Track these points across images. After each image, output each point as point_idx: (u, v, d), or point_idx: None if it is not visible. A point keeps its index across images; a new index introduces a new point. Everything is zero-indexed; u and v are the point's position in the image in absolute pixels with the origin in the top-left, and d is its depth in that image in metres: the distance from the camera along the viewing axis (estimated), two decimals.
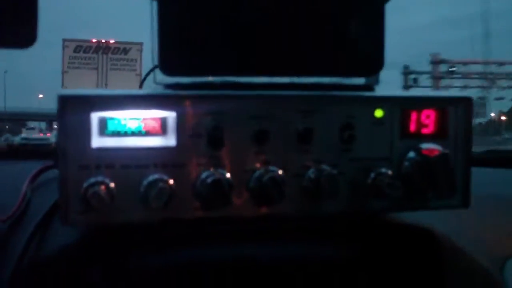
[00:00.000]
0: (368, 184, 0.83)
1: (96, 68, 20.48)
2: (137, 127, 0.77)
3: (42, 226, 0.86)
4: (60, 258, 0.82)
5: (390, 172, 0.83)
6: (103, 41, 21.01)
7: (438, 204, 0.88)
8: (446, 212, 0.91)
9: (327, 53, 0.88)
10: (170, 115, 0.78)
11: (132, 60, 20.78)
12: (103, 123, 0.76)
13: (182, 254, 0.85)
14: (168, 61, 0.82)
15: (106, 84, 20.29)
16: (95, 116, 0.76)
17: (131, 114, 0.77)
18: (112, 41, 21.00)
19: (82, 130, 0.75)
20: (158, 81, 0.85)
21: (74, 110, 0.75)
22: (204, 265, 0.85)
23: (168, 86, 0.84)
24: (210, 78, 0.86)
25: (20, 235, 0.85)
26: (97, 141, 0.76)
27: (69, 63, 20.34)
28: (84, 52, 20.57)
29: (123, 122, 0.77)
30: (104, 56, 20.68)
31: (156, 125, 0.78)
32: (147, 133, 0.78)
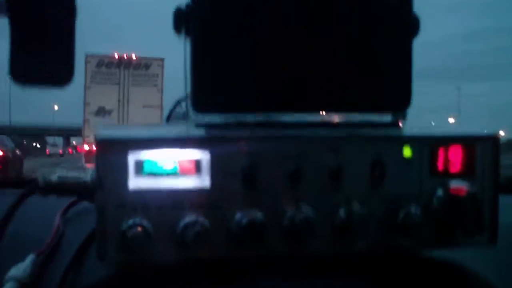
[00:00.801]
0: (397, 223, 0.85)
1: (118, 83, 20.49)
2: (172, 169, 0.79)
3: (76, 261, 0.88)
4: None
5: (419, 210, 0.85)
6: (125, 56, 21.03)
7: (466, 241, 0.89)
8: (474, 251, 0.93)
9: (357, 90, 0.90)
10: (204, 156, 0.80)
11: (153, 75, 20.74)
12: (139, 164, 0.78)
13: None
14: (201, 99, 0.85)
15: (128, 100, 20.30)
16: (131, 158, 0.78)
17: (166, 155, 0.79)
18: (134, 57, 21.02)
19: (119, 171, 0.78)
20: (192, 120, 0.87)
21: (111, 151, 0.78)
22: None
23: (201, 125, 0.86)
24: (240, 116, 0.88)
25: (54, 269, 0.87)
26: (134, 182, 0.78)
27: (91, 77, 20.37)
28: (106, 67, 20.54)
29: (159, 164, 0.79)
30: (126, 71, 20.65)
31: (190, 166, 0.80)
32: (182, 174, 0.80)
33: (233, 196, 0.81)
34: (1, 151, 17.85)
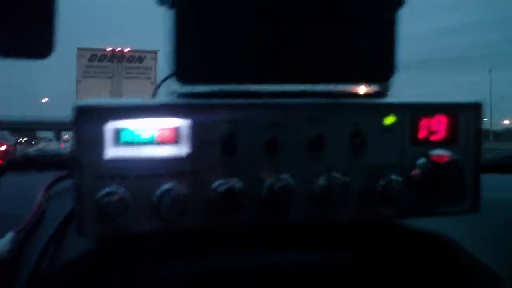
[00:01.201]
0: (378, 191, 0.85)
1: (111, 77, 20.49)
2: (150, 137, 0.79)
3: (56, 237, 0.87)
4: (73, 269, 0.84)
5: (400, 178, 0.85)
6: (118, 49, 21.01)
7: (448, 210, 0.89)
8: (455, 218, 0.93)
9: (339, 60, 0.89)
10: (183, 124, 0.80)
11: (147, 68, 20.78)
12: (116, 133, 0.78)
13: (193, 264, 0.86)
14: (184, 69, 0.84)
15: (121, 93, 20.32)
16: (109, 127, 0.77)
17: (144, 124, 0.79)
18: (126, 50, 21.01)
19: (96, 141, 0.77)
20: (172, 90, 0.87)
21: (88, 120, 0.77)
22: (216, 274, 0.86)
23: (182, 95, 0.86)
24: (223, 87, 0.88)
25: (35, 246, 0.86)
26: (111, 152, 0.78)
27: (84, 72, 20.36)
28: (98, 61, 20.59)
29: (136, 133, 0.79)
30: (119, 64, 20.70)
31: (169, 134, 0.79)
32: (161, 142, 0.79)
33: (212, 164, 0.80)
34: (5, 145, 18.78)
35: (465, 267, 0.94)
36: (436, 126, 0.89)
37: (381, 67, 0.91)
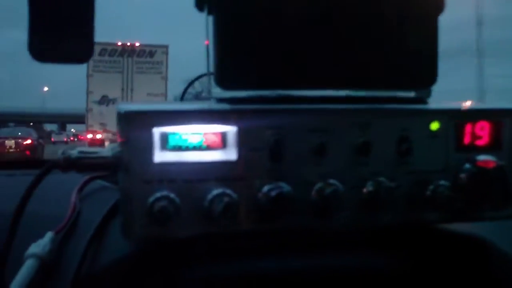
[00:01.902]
0: (426, 196, 0.86)
1: (121, 72, 20.48)
2: (198, 142, 0.80)
3: (96, 237, 0.90)
4: (117, 268, 0.86)
5: (447, 184, 0.86)
6: (129, 43, 20.98)
7: (494, 215, 0.91)
8: (500, 224, 0.94)
9: (381, 66, 0.91)
10: (231, 130, 0.81)
11: (157, 63, 20.72)
12: (164, 138, 0.79)
13: (242, 266, 0.88)
14: (225, 75, 0.86)
15: (132, 88, 20.32)
16: (157, 131, 0.79)
17: (192, 129, 0.80)
18: (137, 44, 20.97)
19: (144, 145, 0.78)
20: (213, 95, 0.88)
21: (136, 125, 0.78)
22: (265, 277, 0.88)
23: (225, 100, 0.87)
24: (264, 92, 0.89)
25: (74, 246, 0.89)
26: (159, 156, 0.79)
27: (94, 66, 20.36)
28: (109, 55, 20.54)
29: (184, 137, 0.80)
30: (130, 59, 20.64)
31: (217, 139, 0.81)
32: (208, 148, 0.81)
33: (260, 169, 0.82)
34: (30, 139, 21.52)
35: (509, 273, 0.95)
36: (480, 132, 0.90)
37: (424, 73, 0.92)
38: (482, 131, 0.90)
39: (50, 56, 0.94)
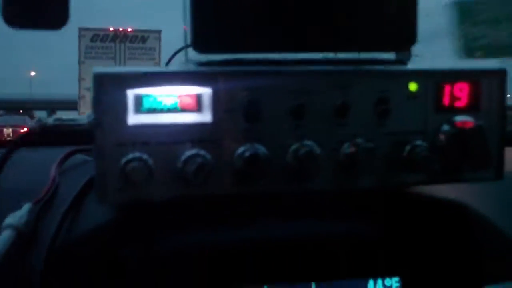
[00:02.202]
0: (403, 158, 0.86)
1: (114, 58, 20.38)
2: (172, 104, 0.80)
3: (73, 207, 0.90)
4: (92, 238, 0.86)
5: (425, 144, 0.86)
6: (121, 29, 20.87)
7: (472, 176, 0.91)
8: (477, 188, 0.95)
9: (360, 28, 0.91)
10: (206, 92, 0.81)
11: (150, 48, 20.62)
12: (138, 100, 0.79)
13: (216, 232, 0.88)
14: (201, 38, 0.86)
15: None
16: (130, 93, 0.79)
17: (166, 91, 0.80)
18: (129, 30, 20.86)
19: (118, 108, 0.78)
20: (190, 59, 0.88)
21: (109, 87, 0.78)
22: (240, 243, 0.89)
23: (202, 63, 0.87)
24: (242, 55, 0.89)
25: (52, 218, 0.88)
26: (133, 118, 0.79)
27: (85, 53, 20.25)
28: (101, 41, 20.43)
29: (158, 99, 0.80)
30: (122, 45, 20.53)
31: (191, 101, 0.81)
32: (183, 110, 0.81)
33: (235, 131, 0.82)
34: (26, 127, 20.64)
35: (488, 238, 0.96)
36: (459, 93, 0.90)
37: (403, 35, 0.93)
38: (461, 92, 0.90)
39: (24, 21, 0.94)
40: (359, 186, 0.88)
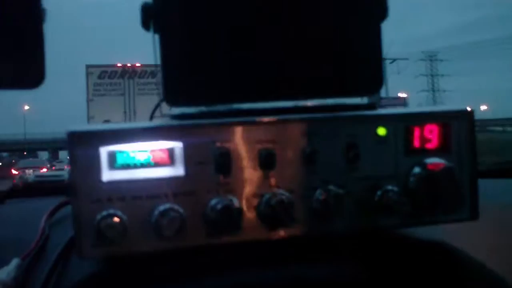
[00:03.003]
0: (375, 202, 0.90)
1: (123, 94, 20.38)
2: (145, 159, 0.84)
3: (60, 261, 0.93)
4: None
5: (396, 188, 0.90)
6: (129, 65, 20.93)
7: (446, 218, 0.94)
8: (455, 225, 0.97)
9: (327, 75, 0.95)
10: (177, 145, 0.85)
11: (160, 83, 20.60)
12: (112, 156, 0.83)
13: (194, 283, 0.90)
14: (172, 92, 0.90)
15: (134, 111, 20.24)
16: (104, 150, 0.83)
17: (139, 147, 0.84)
18: (138, 65, 20.89)
19: (92, 165, 0.82)
20: (166, 112, 0.93)
21: (83, 145, 0.82)
22: None
23: (174, 116, 0.91)
24: (213, 107, 0.93)
25: (40, 272, 0.91)
26: (108, 175, 0.83)
27: (94, 90, 20.26)
28: (109, 78, 20.44)
29: (131, 155, 0.84)
30: (131, 80, 20.52)
31: (164, 156, 0.85)
32: (156, 164, 0.85)
33: (208, 184, 0.86)
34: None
35: (470, 273, 0.98)
36: (429, 135, 0.94)
37: (369, 80, 0.97)
38: (431, 134, 0.94)
39: (1, 82, 0.97)
40: (333, 231, 0.91)
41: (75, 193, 0.82)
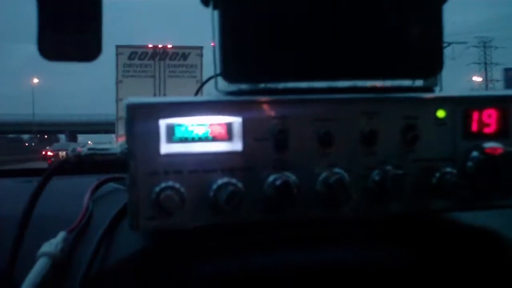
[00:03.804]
0: (433, 184, 0.92)
1: (153, 76, 20.35)
2: (204, 133, 0.87)
3: (107, 235, 0.96)
4: (127, 266, 0.92)
5: (454, 171, 0.92)
6: (160, 46, 20.95)
7: (503, 203, 0.96)
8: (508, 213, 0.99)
9: (387, 56, 0.97)
10: (236, 121, 0.88)
11: (192, 66, 20.51)
12: (170, 129, 0.86)
13: (248, 259, 0.93)
14: (231, 69, 0.93)
15: (164, 94, 20.24)
16: (163, 123, 0.85)
17: (197, 121, 0.87)
18: (169, 46, 20.90)
19: (150, 137, 0.85)
20: (220, 89, 0.95)
21: (142, 117, 0.85)
22: (271, 270, 0.94)
23: (231, 93, 0.94)
24: (271, 85, 0.96)
25: (86, 245, 0.95)
26: (166, 148, 0.86)
27: (123, 71, 20.27)
28: (139, 59, 20.46)
29: (190, 129, 0.86)
30: (162, 62, 20.52)
31: (222, 130, 0.87)
32: (214, 139, 0.87)
33: (265, 160, 0.88)
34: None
35: None
36: (487, 119, 0.96)
37: (429, 62, 0.99)
38: (490, 118, 0.95)
39: (58, 54, 1.02)
40: (388, 212, 0.93)
41: (133, 163, 0.85)
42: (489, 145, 0.94)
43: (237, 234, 0.94)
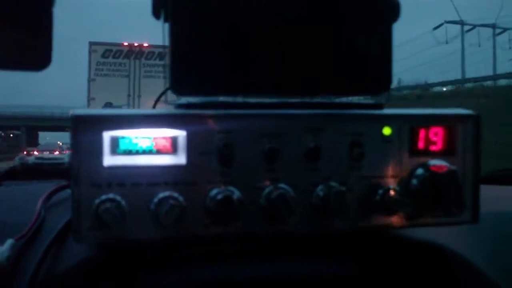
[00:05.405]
0: (376, 201, 0.96)
1: (128, 76, 20.24)
2: (148, 146, 0.90)
3: (55, 244, 0.98)
4: (72, 275, 0.94)
5: (398, 188, 0.96)
6: (136, 44, 20.78)
7: (447, 220, 1.01)
8: (455, 228, 1.04)
9: (336, 74, 1.01)
10: (181, 134, 0.91)
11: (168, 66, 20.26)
12: (115, 142, 0.89)
13: (191, 272, 0.97)
14: (179, 81, 0.96)
15: (139, 95, 20.16)
16: (107, 135, 0.89)
17: (142, 133, 0.90)
18: (146, 45, 20.76)
19: (94, 149, 0.88)
20: (170, 101, 1.00)
21: (86, 129, 0.88)
22: (213, 283, 0.98)
23: (179, 105, 0.97)
24: (220, 98, 0.99)
25: (34, 253, 0.97)
26: (109, 160, 0.89)
27: (96, 69, 20.12)
28: (113, 57, 20.31)
29: (134, 141, 0.90)
30: (137, 61, 20.35)
31: (167, 144, 0.91)
32: (158, 152, 0.91)
33: (209, 174, 0.92)
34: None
35: (465, 277, 1.05)
36: (434, 137, 1.00)
37: (378, 79, 1.03)
38: (436, 136, 1.00)
39: (5, 63, 1.02)
40: (332, 228, 0.97)
41: (76, 176, 0.88)
42: (434, 162, 0.98)
43: (183, 247, 0.97)
